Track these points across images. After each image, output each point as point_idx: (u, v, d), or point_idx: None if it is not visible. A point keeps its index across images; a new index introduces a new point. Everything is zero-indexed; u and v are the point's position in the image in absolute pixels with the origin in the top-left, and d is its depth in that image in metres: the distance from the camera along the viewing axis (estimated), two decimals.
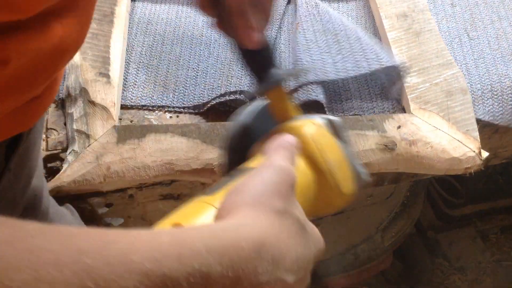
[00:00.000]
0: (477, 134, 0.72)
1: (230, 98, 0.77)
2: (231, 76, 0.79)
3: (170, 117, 0.78)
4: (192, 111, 0.79)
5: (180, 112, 0.79)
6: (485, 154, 0.72)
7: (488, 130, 0.80)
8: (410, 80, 0.77)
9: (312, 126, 0.48)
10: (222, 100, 0.77)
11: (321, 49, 0.83)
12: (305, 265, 0.36)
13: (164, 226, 0.36)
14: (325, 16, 0.86)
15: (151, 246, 0.28)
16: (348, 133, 0.52)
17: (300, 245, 0.36)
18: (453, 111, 0.74)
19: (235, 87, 0.77)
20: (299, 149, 0.46)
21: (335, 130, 0.49)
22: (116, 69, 0.77)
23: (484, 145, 0.82)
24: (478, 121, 0.76)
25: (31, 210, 0.60)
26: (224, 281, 0.29)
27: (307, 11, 0.86)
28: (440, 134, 0.72)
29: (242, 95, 0.77)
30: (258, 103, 0.55)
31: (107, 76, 0.76)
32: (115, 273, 0.25)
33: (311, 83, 0.77)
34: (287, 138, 0.44)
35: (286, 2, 0.89)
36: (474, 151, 0.71)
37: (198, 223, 0.37)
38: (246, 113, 0.54)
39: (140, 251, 0.27)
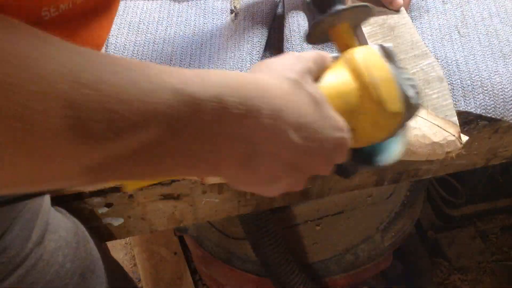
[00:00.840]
0: (455, 119, 0.72)
1: None
2: None
3: None
4: None
5: None
6: (465, 138, 0.72)
7: (488, 130, 0.80)
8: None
9: (364, 48, 0.51)
10: None
11: None
12: (313, 136, 0.41)
13: None
14: None
15: (179, 73, 0.35)
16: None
17: (309, 114, 0.41)
18: (430, 98, 0.74)
19: None
20: (347, 63, 0.49)
21: (388, 55, 0.51)
22: None
23: (484, 145, 0.82)
24: (470, 114, 0.76)
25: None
26: (236, 111, 0.36)
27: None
28: (420, 120, 0.72)
29: None
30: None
31: None
32: (153, 86, 0.32)
33: None
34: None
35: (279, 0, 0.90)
36: (454, 135, 0.71)
37: None
38: None
39: (171, 75, 0.34)
